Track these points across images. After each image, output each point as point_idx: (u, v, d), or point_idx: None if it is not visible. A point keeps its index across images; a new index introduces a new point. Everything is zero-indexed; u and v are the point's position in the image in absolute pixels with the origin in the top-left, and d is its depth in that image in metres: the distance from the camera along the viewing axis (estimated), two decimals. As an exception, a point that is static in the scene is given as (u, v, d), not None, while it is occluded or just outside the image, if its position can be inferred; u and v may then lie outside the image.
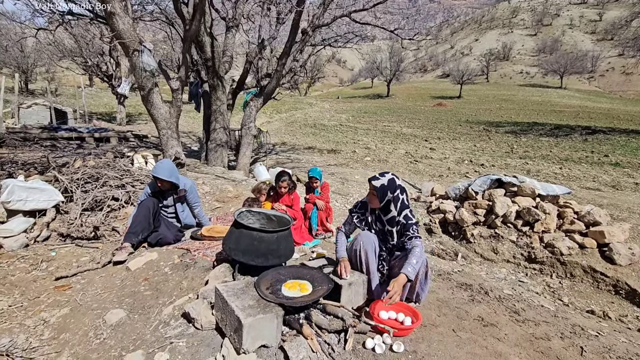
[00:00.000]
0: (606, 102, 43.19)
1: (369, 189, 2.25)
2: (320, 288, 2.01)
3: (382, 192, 2.16)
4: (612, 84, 64.10)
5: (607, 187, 8.84)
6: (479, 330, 2.12)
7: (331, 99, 45.20)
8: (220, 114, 7.29)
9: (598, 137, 16.89)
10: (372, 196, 2.23)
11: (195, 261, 2.87)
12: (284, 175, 3.55)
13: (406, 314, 2.06)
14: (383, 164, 10.69)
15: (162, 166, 3.30)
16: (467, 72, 49.97)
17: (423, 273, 2.15)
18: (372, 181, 2.19)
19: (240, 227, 2.43)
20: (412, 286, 2.19)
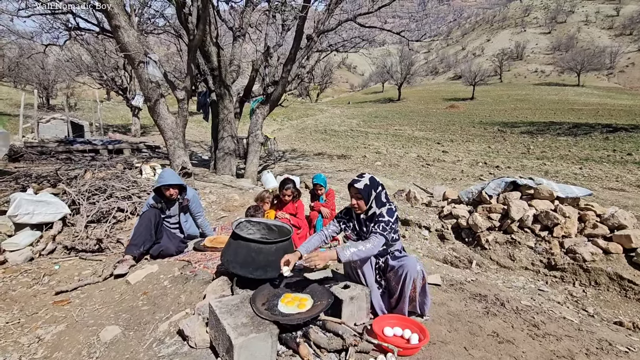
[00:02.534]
0: (627, 99, 41.65)
1: (350, 194, 2.13)
2: (319, 303, 1.89)
3: (367, 192, 2.06)
4: (632, 79, 61.95)
5: (631, 187, 8.41)
6: (494, 348, 1.95)
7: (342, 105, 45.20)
8: (228, 123, 7.30)
9: (620, 135, 16.21)
10: (354, 199, 2.13)
11: (195, 273, 2.79)
12: (288, 182, 3.46)
13: (412, 330, 1.92)
14: (394, 168, 10.50)
15: (167, 174, 3.26)
16: (479, 73, 49.15)
17: (420, 284, 2.01)
18: (354, 185, 2.09)
19: (237, 238, 2.34)
20: (412, 297, 2.05)
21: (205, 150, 13.33)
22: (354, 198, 2.12)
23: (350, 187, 2.13)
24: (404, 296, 2.05)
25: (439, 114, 31.35)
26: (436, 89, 61.42)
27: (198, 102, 8.29)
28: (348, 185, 2.15)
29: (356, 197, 2.11)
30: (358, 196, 2.10)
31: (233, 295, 2.01)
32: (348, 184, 2.15)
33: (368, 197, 2.08)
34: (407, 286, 2.01)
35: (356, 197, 2.11)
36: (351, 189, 2.13)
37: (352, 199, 2.14)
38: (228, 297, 1.97)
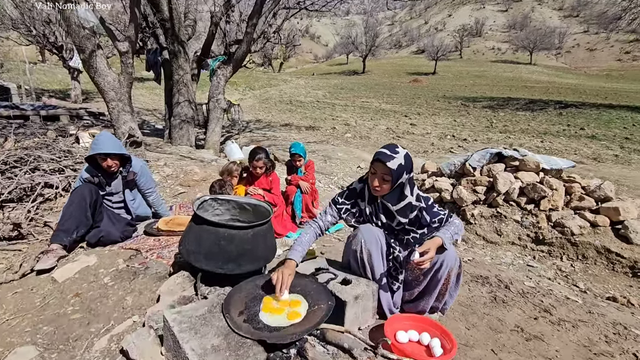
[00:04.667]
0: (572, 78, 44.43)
1: (372, 171, 1.62)
2: (316, 308, 1.43)
3: (398, 174, 1.56)
4: (577, 60, 66.15)
5: (589, 160, 8.77)
6: (524, 348, 1.63)
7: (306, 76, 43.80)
8: (184, 85, 6.37)
9: (571, 111, 17.08)
10: (378, 180, 1.60)
11: (146, 266, 2.21)
12: (259, 152, 2.89)
13: (432, 333, 1.53)
14: (365, 140, 10.15)
15: (103, 139, 2.54)
16: (441, 48, 49.72)
17: (455, 275, 1.61)
18: (385, 162, 1.54)
19: (201, 221, 1.78)
20: (442, 293, 1.66)
21: (159, 120, 12.06)
22: (378, 178, 1.59)
23: (376, 163, 1.59)
24: (430, 291, 1.64)
25: (403, 87, 31.38)
26: (400, 63, 61.54)
27: (147, 61, 7.17)
28: (374, 159, 1.60)
29: (383, 177, 1.58)
30: (386, 177, 1.57)
31: (198, 302, 1.48)
32: (374, 157, 1.60)
33: (397, 179, 1.58)
34: (439, 279, 1.61)
35: (383, 177, 1.58)
36: (378, 165, 1.58)
37: (374, 178, 1.61)
38: (191, 305, 1.44)
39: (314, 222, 1.77)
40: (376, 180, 1.58)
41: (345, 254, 1.78)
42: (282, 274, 1.49)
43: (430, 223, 1.64)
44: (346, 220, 1.77)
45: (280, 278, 1.48)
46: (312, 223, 1.77)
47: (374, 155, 1.60)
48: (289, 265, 1.57)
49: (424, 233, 1.66)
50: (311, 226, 1.75)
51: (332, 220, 1.77)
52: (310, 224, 1.77)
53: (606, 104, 19.23)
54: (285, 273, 1.50)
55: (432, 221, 1.64)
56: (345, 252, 1.79)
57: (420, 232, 1.66)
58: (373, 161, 1.60)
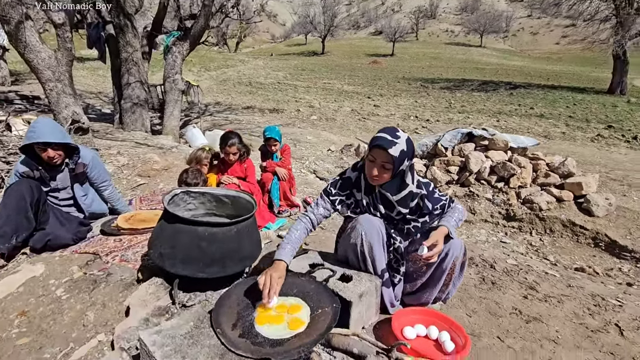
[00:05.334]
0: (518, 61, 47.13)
1: (370, 159, 1.45)
2: (321, 312, 1.27)
3: (400, 161, 1.41)
4: (522, 43, 70.16)
5: (540, 137, 9.34)
6: (526, 332, 1.61)
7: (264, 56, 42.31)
8: (134, 64, 5.72)
9: (520, 91, 18.12)
10: (378, 169, 1.44)
11: (108, 272, 1.91)
12: (232, 136, 2.61)
13: (440, 327, 1.45)
14: (331, 122, 9.98)
15: (43, 126, 2.14)
16: (398, 30, 50.32)
17: (459, 264, 1.52)
18: (387, 149, 1.37)
19: (175, 220, 1.53)
20: (446, 283, 1.57)
21: (105, 103, 10.96)
22: (377, 167, 1.43)
23: (375, 149, 1.41)
24: (435, 282, 1.55)
25: (364, 68, 31.42)
26: (359, 44, 61.47)
27: (89, 36, 6.34)
28: (372, 145, 1.42)
29: (383, 165, 1.42)
30: (386, 165, 1.41)
31: (180, 316, 1.26)
32: (372, 144, 1.42)
33: (399, 167, 1.42)
34: (444, 269, 1.51)
35: (383, 165, 1.42)
36: (377, 152, 1.41)
37: (372, 166, 1.44)
38: (172, 321, 1.22)
39: (304, 216, 1.59)
40: (375, 169, 1.43)
41: (341, 247, 1.63)
42: (269, 278, 1.30)
43: (432, 210, 1.53)
44: (341, 212, 1.61)
45: (268, 282, 1.29)
46: (303, 217, 1.58)
47: (372, 141, 1.43)
48: (278, 267, 1.38)
49: (426, 221, 1.55)
50: (301, 221, 1.57)
51: (325, 213, 1.60)
52: (300, 218, 1.59)
53: (549, 85, 20.67)
54: (274, 277, 1.31)
55: (434, 208, 1.53)
56: (340, 245, 1.64)
57: (421, 220, 1.55)
58: (371, 147, 1.43)
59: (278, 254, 1.45)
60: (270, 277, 1.31)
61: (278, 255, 1.45)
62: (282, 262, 1.40)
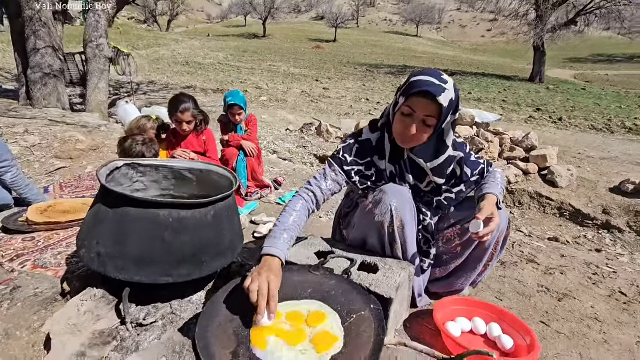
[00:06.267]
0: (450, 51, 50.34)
1: (404, 112, 1.07)
2: (357, 319, 0.89)
3: (447, 114, 1.06)
4: (453, 34, 75.03)
5: (482, 120, 9.87)
6: (564, 312, 1.42)
7: (201, 37, 39.46)
8: (43, 26, 4.60)
9: (457, 78, 19.18)
10: (417, 126, 1.06)
11: (14, 285, 1.31)
12: (185, 100, 2.06)
13: (486, 319, 1.17)
14: (283, 103, 9.45)
15: None
16: (340, 16, 50.45)
17: (503, 238, 1.24)
18: (436, 96, 1.00)
19: (121, 202, 1.03)
20: (487, 264, 1.28)
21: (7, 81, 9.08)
22: (417, 123, 1.06)
23: (416, 98, 1.03)
24: (474, 264, 1.25)
25: (308, 53, 30.95)
26: (301, 28, 60.52)
27: (-26, -12, 4.97)
28: (411, 93, 1.03)
29: (425, 121, 1.05)
30: (429, 120, 1.05)
31: (141, 352, 0.79)
32: (413, 90, 1.03)
33: (443, 122, 1.07)
34: (487, 247, 1.22)
35: (425, 121, 1.05)
36: (420, 102, 1.03)
37: (410, 123, 1.06)
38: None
39: (306, 191, 1.18)
40: (413, 126, 1.06)
41: (357, 228, 1.24)
42: (262, 282, 0.87)
43: (469, 178, 1.23)
44: (358, 185, 1.23)
45: (265, 290, 0.85)
46: (303, 194, 1.17)
47: (412, 87, 1.04)
48: (271, 267, 0.94)
49: (461, 191, 1.24)
50: (300, 198, 1.16)
51: (334, 188, 1.20)
52: (300, 195, 1.18)
53: (480, 73, 22.28)
54: (273, 282, 0.88)
55: (472, 174, 1.23)
56: (357, 225, 1.25)
57: (456, 190, 1.24)
58: (409, 96, 1.05)
59: (269, 247, 1.02)
60: (262, 281, 0.87)
61: (269, 250, 1.00)
62: (277, 260, 0.97)
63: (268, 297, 0.85)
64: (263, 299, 0.84)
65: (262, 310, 0.83)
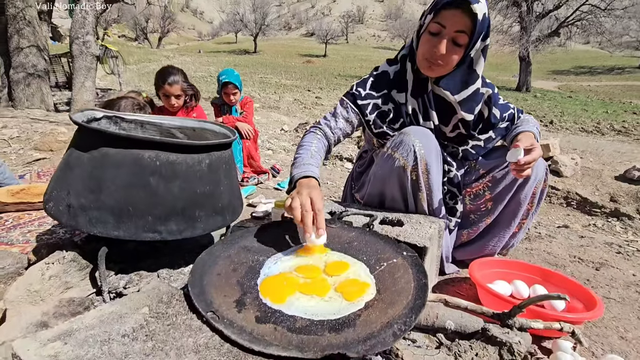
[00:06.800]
0: (439, 64, 51.30)
1: (432, 30, 0.94)
2: (386, 266, 0.73)
3: (480, 32, 0.93)
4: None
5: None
6: (606, 279, 1.28)
7: (192, 54, 39.71)
8: (27, 24, 4.44)
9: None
10: (447, 44, 0.93)
11: (-28, 262, 1.11)
12: (173, 72, 1.91)
13: (527, 280, 1.01)
14: (276, 110, 9.35)
15: None
16: (330, 32, 51.51)
17: (540, 189, 1.08)
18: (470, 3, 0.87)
19: (98, 142, 0.86)
20: (522, 221, 1.12)
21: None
22: (448, 40, 0.92)
23: (447, 11, 0.90)
24: (507, 222, 1.10)
25: (299, 66, 31.28)
26: (291, 44, 61.53)
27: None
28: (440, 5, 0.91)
29: (455, 39, 0.92)
30: (460, 38, 0.92)
31: (114, 303, 0.61)
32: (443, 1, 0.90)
33: (475, 43, 0.94)
34: (522, 200, 1.06)
35: (455, 39, 0.92)
36: (451, 15, 0.90)
37: (438, 40, 0.93)
38: (97, 311, 0.57)
39: (316, 129, 1.04)
40: (443, 43, 0.93)
41: (373, 181, 1.08)
42: (304, 199, 0.76)
43: (500, 121, 1.09)
44: (372, 125, 1.08)
45: (308, 205, 0.75)
46: (315, 130, 1.03)
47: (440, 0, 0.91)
48: (309, 184, 0.83)
49: (490, 138, 1.10)
50: (313, 134, 1.02)
51: (346, 128, 1.06)
52: (312, 132, 1.04)
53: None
54: (316, 196, 0.77)
55: (502, 117, 1.09)
56: (368, 181, 1.10)
57: (484, 137, 1.09)
58: (438, 10, 0.91)
59: (299, 172, 0.90)
60: (306, 197, 0.77)
61: (304, 171, 0.89)
62: (312, 179, 0.85)
63: (313, 212, 0.74)
64: (308, 214, 0.74)
65: (310, 227, 0.74)
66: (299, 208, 0.75)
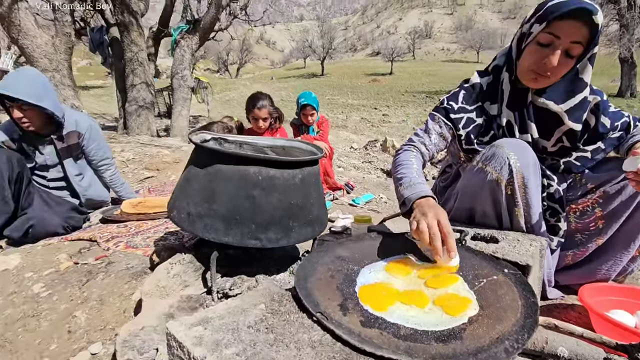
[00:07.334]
0: (518, 74, 47.40)
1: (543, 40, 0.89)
2: (486, 283, 0.71)
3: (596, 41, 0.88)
4: (518, 58, 71.28)
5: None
6: None
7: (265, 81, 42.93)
8: (139, 65, 5.34)
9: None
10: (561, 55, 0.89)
11: (108, 261, 1.35)
12: (261, 97, 2.12)
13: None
14: (343, 129, 9.57)
15: (19, 77, 1.65)
16: (396, 50, 51.34)
17: None
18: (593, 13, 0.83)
19: (213, 159, 1.00)
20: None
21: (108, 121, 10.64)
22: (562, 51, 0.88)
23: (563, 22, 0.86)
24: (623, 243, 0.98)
25: (365, 86, 31.65)
26: (357, 65, 62.64)
27: (91, 40, 6.01)
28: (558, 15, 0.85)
29: (569, 50, 0.88)
30: (574, 49, 0.88)
31: (236, 298, 0.70)
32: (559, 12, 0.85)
33: (591, 49, 0.90)
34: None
35: (569, 50, 0.88)
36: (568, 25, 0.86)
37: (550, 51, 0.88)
38: (223, 305, 0.65)
39: (410, 146, 1.05)
40: (556, 54, 0.88)
41: (462, 196, 1.05)
42: (431, 221, 0.77)
43: (610, 130, 0.99)
44: (464, 140, 1.06)
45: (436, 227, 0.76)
46: (409, 148, 1.05)
47: (551, 10, 0.86)
48: (431, 205, 0.83)
49: (598, 149, 1.00)
50: (410, 152, 1.03)
51: (440, 143, 1.06)
52: (407, 149, 1.05)
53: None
54: (443, 218, 0.78)
55: (614, 127, 0.99)
56: (454, 196, 1.08)
57: (591, 148, 1.00)
58: (551, 20, 0.86)
59: (414, 192, 0.89)
60: (432, 218, 0.77)
61: (416, 193, 0.89)
62: (431, 199, 0.86)
63: (442, 234, 0.75)
64: (437, 238, 0.75)
65: (440, 250, 0.75)
66: (427, 231, 0.75)
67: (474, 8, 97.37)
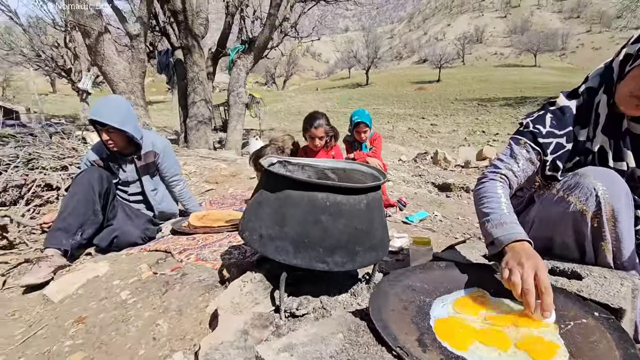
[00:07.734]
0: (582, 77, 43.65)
1: None
2: (574, 326, 0.67)
3: None
4: (583, 59, 65.70)
5: None
6: None
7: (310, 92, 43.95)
8: (199, 83, 5.78)
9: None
10: None
11: (182, 272, 1.47)
12: (318, 117, 2.19)
13: None
14: (390, 140, 9.46)
15: (106, 104, 1.88)
16: (444, 56, 49.75)
17: None
18: None
19: (282, 185, 1.06)
20: None
21: (170, 134, 11.56)
22: None
23: None
24: None
25: (411, 94, 31.07)
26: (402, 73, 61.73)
27: (159, 63, 6.66)
28: None
29: None
30: None
31: (313, 325, 0.74)
32: None
33: None
34: None
35: None
36: None
37: None
38: (302, 332, 0.69)
39: (496, 175, 1.00)
40: (632, 81, 0.84)
41: (532, 227, 1.01)
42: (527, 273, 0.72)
43: None
44: (546, 167, 1.00)
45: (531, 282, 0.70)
46: (495, 177, 1.00)
47: None
48: (529, 252, 0.78)
49: None
50: (496, 181, 0.98)
51: (529, 169, 1.01)
52: (492, 178, 1.00)
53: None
54: (542, 271, 0.72)
55: None
56: (529, 223, 1.03)
57: None
58: None
59: (509, 231, 0.84)
60: (529, 270, 0.72)
61: (510, 235, 0.83)
62: (526, 243, 0.81)
63: (537, 290, 0.70)
64: (531, 294, 0.70)
65: (532, 308, 0.69)
66: (520, 284, 0.71)
67: (531, 9, 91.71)
